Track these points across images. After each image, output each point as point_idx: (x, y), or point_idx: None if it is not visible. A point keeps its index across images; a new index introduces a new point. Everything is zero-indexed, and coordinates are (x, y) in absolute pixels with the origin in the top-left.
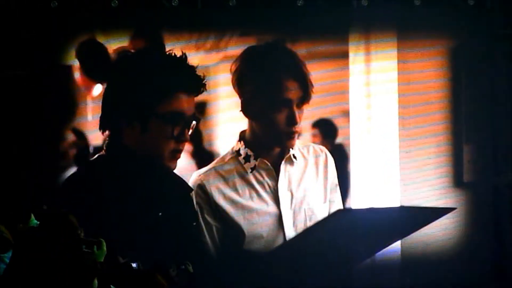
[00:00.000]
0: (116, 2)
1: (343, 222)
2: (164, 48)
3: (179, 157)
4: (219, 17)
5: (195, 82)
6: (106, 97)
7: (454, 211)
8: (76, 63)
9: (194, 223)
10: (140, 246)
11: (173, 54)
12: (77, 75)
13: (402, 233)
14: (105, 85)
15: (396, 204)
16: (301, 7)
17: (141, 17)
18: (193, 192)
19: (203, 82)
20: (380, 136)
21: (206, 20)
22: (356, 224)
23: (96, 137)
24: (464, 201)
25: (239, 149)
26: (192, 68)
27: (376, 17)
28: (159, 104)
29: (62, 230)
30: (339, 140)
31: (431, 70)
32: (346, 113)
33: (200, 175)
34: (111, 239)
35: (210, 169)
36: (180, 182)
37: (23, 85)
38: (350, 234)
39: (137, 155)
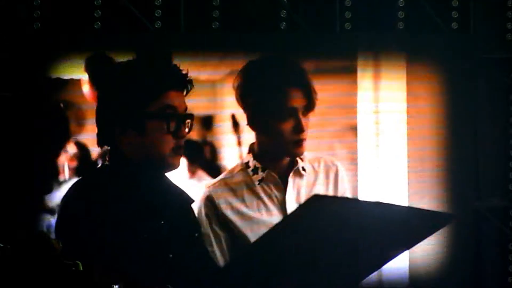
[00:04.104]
0: (99, 24)
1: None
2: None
3: (181, 154)
4: (203, 39)
5: (180, 78)
6: (98, 112)
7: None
8: (85, 77)
9: (196, 234)
10: (142, 255)
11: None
12: (86, 88)
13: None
14: (96, 102)
15: None
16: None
17: (124, 39)
18: (197, 203)
19: (188, 78)
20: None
21: (190, 42)
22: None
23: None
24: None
25: (248, 161)
26: (175, 66)
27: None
28: (149, 104)
29: (42, 252)
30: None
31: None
32: (354, 128)
33: (209, 186)
34: (113, 246)
35: (219, 181)
36: (181, 193)
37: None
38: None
39: (138, 163)
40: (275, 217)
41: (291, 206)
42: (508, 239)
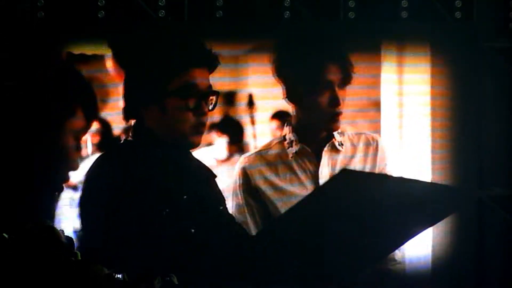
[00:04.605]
0: (103, 12)
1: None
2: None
3: (202, 132)
4: (206, 27)
5: (205, 55)
6: (124, 87)
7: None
8: (108, 54)
9: (221, 207)
10: (164, 229)
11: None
12: (110, 64)
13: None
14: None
15: None
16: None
17: (127, 27)
18: (234, 173)
19: (213, 54)
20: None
21: (193, 30)
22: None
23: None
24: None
25: (285, 135)
26: (200, 42)
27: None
28: (171, 81)
29: (47, 243)
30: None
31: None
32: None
33: (245, 158)
34: (135, 221)
35: (255, 153)
36: (204, 168)
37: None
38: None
39: (160, 138)
40: (308, 190)
41: (324, 179)
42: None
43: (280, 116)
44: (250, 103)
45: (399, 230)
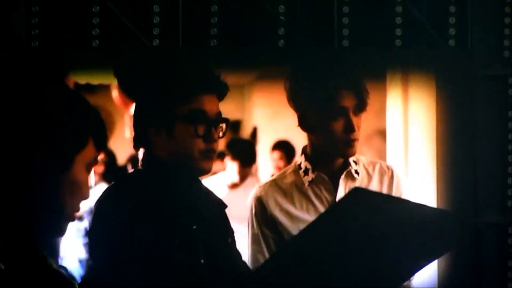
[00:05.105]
0: (97, 42)
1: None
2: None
3: (212, 158)
4: (201, 55)
5: (213, 81)
6: (134, 114)
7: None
8: (114, 82)
9: (229, 240)
10: (173, 260)
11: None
12: (115, 94)
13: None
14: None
15: None
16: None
17: (122, 56)
18: (248, 201)
19: (222, 81)
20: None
21: (188, 58)
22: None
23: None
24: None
25: (300, 163)
26: (209, 68)
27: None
28: (179, 106)
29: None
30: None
31: None
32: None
33: (259, 187)
34: (145, 252)
35: (269, 181)
36: (214, 198)
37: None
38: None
39: (170, 168)
40: None
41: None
42: (508, 256)
43: (281, 147)
44: (253, 135)
45: (405, 259)
